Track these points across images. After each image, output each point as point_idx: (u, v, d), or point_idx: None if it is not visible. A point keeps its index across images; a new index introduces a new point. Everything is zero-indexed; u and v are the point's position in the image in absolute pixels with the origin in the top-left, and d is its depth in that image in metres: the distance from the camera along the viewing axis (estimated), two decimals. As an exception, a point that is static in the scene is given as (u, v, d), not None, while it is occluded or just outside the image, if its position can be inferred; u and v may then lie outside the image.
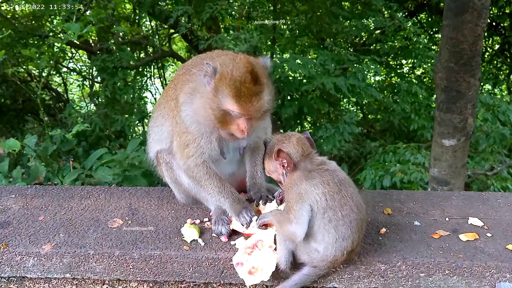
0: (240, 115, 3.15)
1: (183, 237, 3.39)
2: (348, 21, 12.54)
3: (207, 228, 3.54)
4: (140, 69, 14.47)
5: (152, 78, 15.64)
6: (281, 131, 4.32)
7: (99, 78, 13.97)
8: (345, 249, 2.94)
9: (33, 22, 13.64)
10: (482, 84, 14.20)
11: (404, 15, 13.00)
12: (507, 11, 15.01)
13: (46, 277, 3.36)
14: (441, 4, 14.96)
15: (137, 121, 12.66)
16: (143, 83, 14.53)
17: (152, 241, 3.37)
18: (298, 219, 2.91)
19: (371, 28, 13.42)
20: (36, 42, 12.37)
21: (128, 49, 11.83)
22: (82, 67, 18.46)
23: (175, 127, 3.51)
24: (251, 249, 3.18)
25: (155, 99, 16.08)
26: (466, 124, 7.91)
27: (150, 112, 15.44)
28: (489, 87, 16.21)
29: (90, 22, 8.67)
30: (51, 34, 10.86)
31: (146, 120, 13.18)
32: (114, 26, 11.34)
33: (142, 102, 13.99)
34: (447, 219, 3.61)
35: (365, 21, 13.02)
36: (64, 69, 17.32)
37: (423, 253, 3.19)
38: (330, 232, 2.92)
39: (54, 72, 16.44)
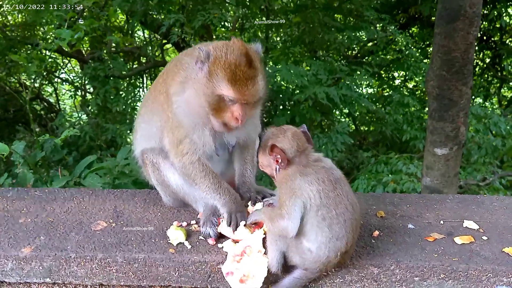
0: (236, 100, 3.05)
1: (169, 240, 3.26)
2: (341, 32, 12.53)
3: (194, 231, 3.41)
4: (133, 80, 14.39)
5: (144, 88, 15.54)
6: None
7: (91, 89, 13.87)
8: (339, 250, 2.82)
9: (25, 32, 13.53)
10: (473, 97, 14.23)
11: (395, 28, 13.02)
12: (497, 25, 15.11)
13: (25, 281, 3.21)
14: (433, 18, 15.10)
15: (129, 131, 12.52)
16: (136, 92, 14.42)
17: (137, 244, 3.24)
18: (290, 215, 2.79)
19: (364, 40, 13.46)
20: (28, 51, 12.26)
21: (121, 59, 11.72)
22: (75, 77, 18.39)
23: (167, 122, 3.38)
24: (240, 256, 3.05)
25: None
26: (459, 133, 7.87)
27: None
28: (480, 100, 16.27)
29: (84, 32, 8.57)
30: (42, 41, 10.73)
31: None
32: (107, 36, 11.22)
33: (135, 112, 13.87)
34: (441, 222, 3.51)
35: (358, 33, 13.05)
36: (56, 79, 17.22)
37: (417, 256, 3.09)
38: (323, 231, 2.79)
39: (46, 82, 16.34)
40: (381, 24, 12.60)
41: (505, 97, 17.57)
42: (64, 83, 18.53)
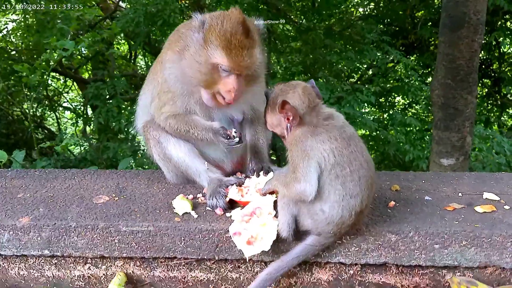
0: (230, 69, 2.95)
1: (175, 210, 3.10)
2: (342, 54, 12.57)
3: (201, 203, 3.25)
4: (135, 107, 14.30)
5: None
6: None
7: (92, 112, 13.79)
8: (353, 209, 2.65)
9: (29, 55, 13.58)
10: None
11: (396, 51, 13.07)
12: (496, 54, 15.22)
13: (22, 254, 3.04)
14: (431, 47, 15.25)
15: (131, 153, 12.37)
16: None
17: (141, 214, 3.08)
18: (306, 177, 2.62)
19: (365, 66, 13.48)
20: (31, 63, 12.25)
21: (124, 78, 11.70)
22: (77, 105, 18.41)
23: (156, 87, 3.34)
24: (249, 216, 2.87)
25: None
26: (465, 143, 7.75)
27: (143, 149, 15.23)
28: (481, 128, 16.19)
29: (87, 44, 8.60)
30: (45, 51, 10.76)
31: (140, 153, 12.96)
32: (110, 49, 11.25)
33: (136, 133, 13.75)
34: (460, 194, 3.35)
35: (359, 56, 13.09)
36: (58, 107, 17.21)
37: (437, 224, 2.91)
38: (336, 189, 2.63)
39: (47, 110, 16.31)
40: (382, 46, 12.61)
41: (505, 124, 17.51)
42: (65, 111, 18.55)
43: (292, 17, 14.29)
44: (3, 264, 3.12)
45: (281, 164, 3.29)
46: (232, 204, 3.12)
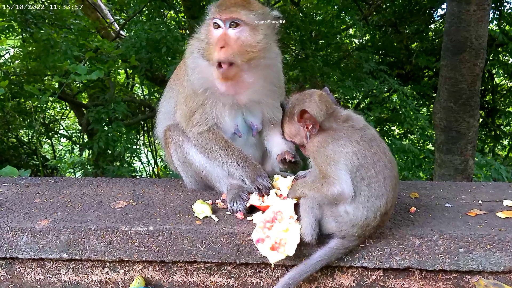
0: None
1: (195, 214, 3.07)
2: (341, 82, 12.69)
3: (221, 208, 3.23)
4: (133, 131, 14.33)
5: (145, 133, 15.53)
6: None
7: (90, 141, 13.75)
8: (378, 210, 2.63)
9: (30, 78, 13.60)
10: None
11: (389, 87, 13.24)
12: (489, 85, 15.46)
13: (39, 257, 2.99)
14: (425, 78, 15.47)
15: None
16: (138, 137, 14.44)
17: (161, 217, 3.05)
18: (340, 178, 2.61)
19: (366, 91, 13.60)
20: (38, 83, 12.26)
21: (123, 103, 11.70)
22: (73, 132, 18.39)
23: (181, 93, 3.37)
24: (271, 223, 2.83)
25: (143, 166, 15.82)
26: (467, 166, 7.79)
27: (140, 174, 15.17)
28: (479, 155, 16.26)
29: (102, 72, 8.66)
30: (55, 74, 10.77)
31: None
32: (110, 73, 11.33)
33: (135, 159, 13.80)
34: (480, 201, 3.34)
35: (357, 84, 13.22)
36: (53, 134, 17.18)
37: (460, 228, 2.90)
38: (362, 190, 2.62)
39: (44, 136, 16.28)
40: (380, 75, 12.76)
41: (499, 155, 17.62)
42: (61, 138, 18.52)
43: (291, 46, 14.48)
44: (19, 268, 3.06)
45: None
46: (252, 209, 3.09)
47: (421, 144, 14.58)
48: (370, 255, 2.88)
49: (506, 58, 14.73)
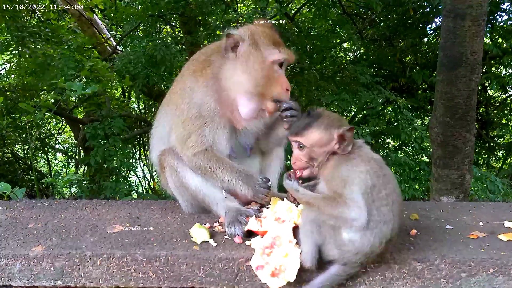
0: (284, 60, 3.17)
1: (192, 238, 3.02)
2: (337, 96, 12.71)
3: (218, 231, 3.17)
4: (130, 145, 14.28)
5: (141, 148, 15.48)
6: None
7: (86, 157, 13.70)
8: (385, 237, 2.58)
9: (26, 93, 13.55)
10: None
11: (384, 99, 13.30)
12: (482, 98, 15.52)
13: (33, 285, 2.91)
14: (419, 90, 15.53)
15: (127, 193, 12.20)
16: (134, 151, 14.38)
17: (158, 242, 2.99)
18: (357, 202, 2.55)
19: (361, 103, 13.63)
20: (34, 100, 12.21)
21: (120, 118, 11.66)
22: (68, 146, 18.33)
23: (179, 116, 3.31)
24: (270, 249, 2.78)
25: (139, 180, 15.75)
26: (464, 181, 7.75)
27: (136, 188, 15.07)
28: (474, 168, 16.28)
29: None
30: (51, 91, 10.75)
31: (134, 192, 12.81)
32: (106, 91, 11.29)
33: (131, 174, 13.72)
34: (480, 223, 3.30)
35: (354, 98, 13.24)
36: (49, 148, 17.10)
37: (462, 251, 2.86)
38: (372, 215, 2.55)
39: (40, 150, 16.19)
40: (375, 87, 12.80)
41: (493, 167, 17.66)
42: (57, 153, 18.44)
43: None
44: (12, 296, 2.99)
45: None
46: (250, 233, 3.04)
47: (416, 156, 14.59)
48: (371, 280, 2.83)
49: (499, 70, 14.82)
